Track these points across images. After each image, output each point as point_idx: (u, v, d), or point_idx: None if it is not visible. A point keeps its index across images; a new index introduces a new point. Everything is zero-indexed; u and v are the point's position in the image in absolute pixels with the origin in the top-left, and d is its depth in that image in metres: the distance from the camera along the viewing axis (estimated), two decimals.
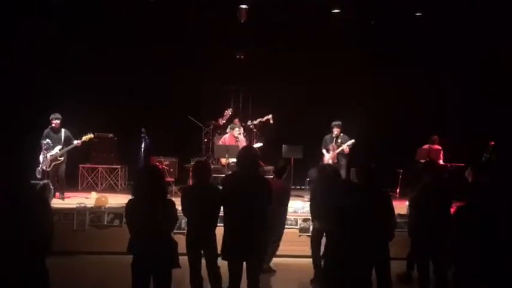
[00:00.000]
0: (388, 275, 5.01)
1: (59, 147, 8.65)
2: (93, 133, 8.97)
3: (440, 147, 10.28)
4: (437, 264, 5.22)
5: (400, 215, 6.84)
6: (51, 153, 8.57)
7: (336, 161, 9.42)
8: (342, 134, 9.56)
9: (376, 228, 4.19)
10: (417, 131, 10.60)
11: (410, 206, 5.64)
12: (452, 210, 5.42)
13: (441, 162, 9.82)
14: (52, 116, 8.68)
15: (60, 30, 10.05)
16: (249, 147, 5.40)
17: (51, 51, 10.10)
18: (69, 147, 8.69)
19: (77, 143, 8.73)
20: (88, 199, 8.41)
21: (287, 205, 6.49)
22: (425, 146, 10.28)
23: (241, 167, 4.64)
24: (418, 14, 10.30)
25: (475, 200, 4.16)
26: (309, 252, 6.23)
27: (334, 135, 9.58)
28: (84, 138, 8.77)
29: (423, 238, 5.23)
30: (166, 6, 10.07)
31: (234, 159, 8.80)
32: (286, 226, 6.94)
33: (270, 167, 9.51)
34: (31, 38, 9.89)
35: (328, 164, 8.72)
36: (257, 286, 4.62)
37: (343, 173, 9.31)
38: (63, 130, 8.76)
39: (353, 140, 9.44)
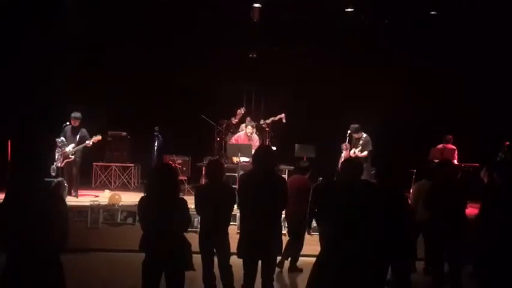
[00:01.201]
0: (408, 274, 4.97)
1: (73, 145, 8.72)
2: (100, 134, 8.98)
3: (454, 147, 10.16)
4: (452, 264, 5.17)
5: None
6: (65, 150, 8.65)
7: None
8: (364, 136, 9.37)
9: (388, 228, 4.17)
10: (431, 131, 10.51)
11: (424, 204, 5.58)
12: (467, 210, 5.38)
13: (455, 162, 9.71)
14: (72, 115, 8.74)
15: (74, 30, 10.13)
16: (266, 147, 5.39)
17: (66, 51, 10.21)
18: (80, 146, 8.74)
19: (87, 143, 8.78)
20: (100, 197, 8.48)
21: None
22: (439, 146, 10.17)
23: (258, 166, 4.63)
24: (433, 12, 10.21)
25: (492, 201, 4.10)
26: None
27: (347, 135, 9.48)
28: (92, 139, 8.80)
29: (437, 239, 5.19)
30: (179, 5, 10.11)
31: (245, 158, 8.89)
32: None
33: (284, 167, 9.53)
34: (47, 38, 10.00)
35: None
36: (271, 285, 4.62)
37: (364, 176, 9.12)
38: (81, 129, 8.82)
39: (365, 152, 9.22)
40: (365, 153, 9.13)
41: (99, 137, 8.88)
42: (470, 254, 5.37)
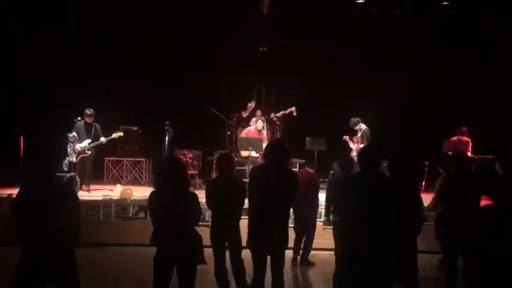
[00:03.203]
0: (415, 270, 4.92)
1: (88, 140, 8.77)
2: (121, 130, 9.12)
3: (468, 139, 10.01)
4: (466, 257, 5.11)
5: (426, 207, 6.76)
6: (80, 145, 8.69)
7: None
8: (363, 129, 9.35)
9: (400, 221, 4.11)
10: (444, 122, 10.40)
11: (437, 198, 5.52)
12: (481, 203, 5.30)
13: (469, 154, 9.59)
14: (87, 112, 8.78)
15: (82, 28, 10.16)
16: (279, 140, 5.31)
17: (76, 48, 10.25)
18: (96, 143, 8.82)
19: (103, 141, 8.84)
20: (113, 191, 8.52)
21: (317, 196, 6.61)
22: (454, 138, 10.04)
23: (270, 160, 4.60)
24: (445, 3, 10.07)
25: (507, 193, 4.01)
26: (332, 245, 6.19)
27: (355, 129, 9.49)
28: (113, 135, 8.93)
29: (451, 232, 5.12)
30: None
31: (255, 153, 8.87)
32: None
33: (295, 160, 9.50)
34: (56, 37, 10.05)
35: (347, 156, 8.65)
36: (281, 278, 4.59)
37: None
38: (94, 125, 8.88)
39: (362, 145, 9.18)
40: (364, 145, 9.10)
41: (121, 133, 9.05)
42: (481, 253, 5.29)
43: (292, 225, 6.86)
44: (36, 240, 3.75)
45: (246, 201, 4.99)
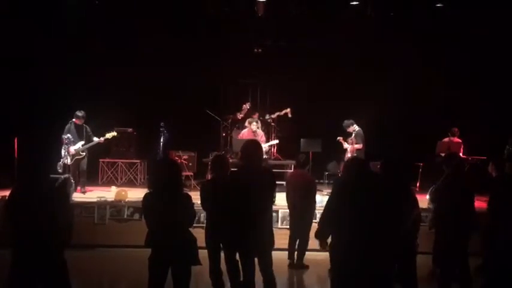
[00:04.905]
0: (414, 269, 4.94)
1: (82, 142, 8.76)
2: (116, 131, 9.13)
3: (460, 140, 10.08)
4: (462, 259, 5.14)
5: (421, 208, 6.79)
6: (74, 147, 8.67)
7: (354, 154, 9.32)
8: (356, 130, 9.36)
9: (395, 222, 4.13)
10: (437, 124, 10.45)
11: (431, 199, 5.56)
12: (475, 204, 5.34)
13: (461, 155, 9.64)
14: (78, 114, 8.77)
15: (79, 28, 10.14)
16: (252, 141, 5.27)
17: (72, 49, 10.23)
18: (92, 143, 8.83)
19: (101, 140, 8.87)
20: (108, 193, 8.51)
21: (314, 197, 6.57)
22: (446, 139, 10.10)
23: (245, 161, 4.63)
24: (438, 5, 10.12)
25: (502, 193, 4.06)
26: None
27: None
28: (107, 135, 8.95)
29: (446, 232, 5.15)
30: (184, 0, 10.10)
31: None
32: None
33: (289, 161, 9.52)
34: (52, 36, 10.02)
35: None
36: (272, 279, 4.60)
37: None
38: (84, 126, 8.88)
39: (360, 145, 9.22)
40: (359, 145, 9.12)
41: (114, 133, 9.06)
42: (480, 247, 5.34)
43: (287, 226, 6.91)
44: (28, 241, 3.75)
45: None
